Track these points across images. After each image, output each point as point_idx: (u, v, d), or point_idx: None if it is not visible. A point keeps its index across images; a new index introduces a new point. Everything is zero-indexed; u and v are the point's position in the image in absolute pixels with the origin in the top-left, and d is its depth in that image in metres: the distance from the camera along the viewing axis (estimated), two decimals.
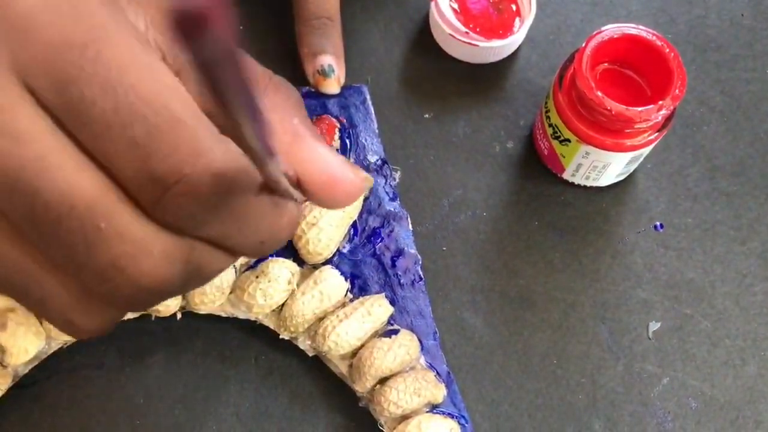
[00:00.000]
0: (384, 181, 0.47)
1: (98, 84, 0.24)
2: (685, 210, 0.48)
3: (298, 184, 0.31)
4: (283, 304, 0.43)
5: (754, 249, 0.48)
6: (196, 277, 0.29)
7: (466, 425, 0.42)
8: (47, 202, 0.25)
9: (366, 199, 0.46)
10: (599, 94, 0.41)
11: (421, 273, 0.45)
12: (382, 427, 0.42)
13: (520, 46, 0.52)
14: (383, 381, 0.42)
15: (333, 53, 0.48)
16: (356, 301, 0.43)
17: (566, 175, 0.48)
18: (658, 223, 0.48)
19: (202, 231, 0.28)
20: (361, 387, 0.42)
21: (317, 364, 0.44)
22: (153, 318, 0.44)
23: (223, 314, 0.44)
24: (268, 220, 0.29)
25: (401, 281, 0.45)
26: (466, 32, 0.49)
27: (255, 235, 0.29)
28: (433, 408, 0.42)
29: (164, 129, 0.25)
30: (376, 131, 0.48)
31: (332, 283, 0.43)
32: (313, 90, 0.49)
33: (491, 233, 0.48)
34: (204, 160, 0.25)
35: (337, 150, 0.47)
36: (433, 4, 0.50)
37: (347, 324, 0.42)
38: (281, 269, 0.43)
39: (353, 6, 0.52)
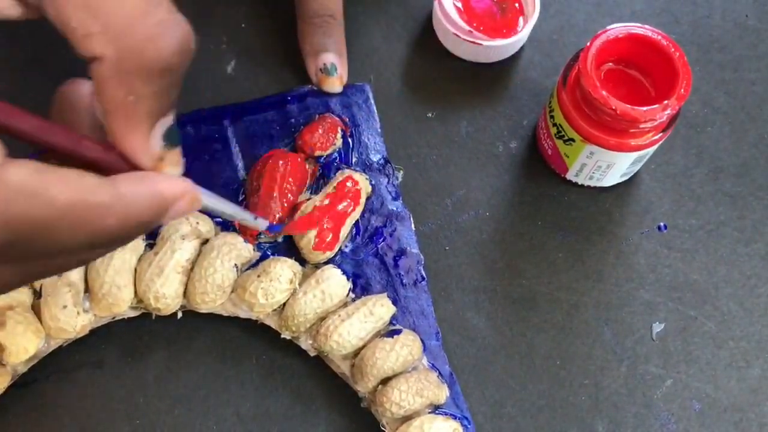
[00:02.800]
0: (386, 180, 0.47)
1: None
2: (689, 211, 0.48)
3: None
4: (284, 304, 0.43)
5: (758, 250, 0.47)
6: (46, 274, 0.31)
7: (469, 426, 0.42)
8: None
9: (368, 198, 0.46)
10: (604, 93, 0.41)
11: (423, 273, 0.45)
12: (384, 427, 0.42)
13: (523, 45, 0.51)
14: (385, 381, 0.42)
15: (336, 52, 0.48)
16: (358, 301, 0.43)
17: (570, 175, 0.47)
18: (661, 224, 0.48)
19: (16, 258, 0.28)
20: (363, 387, 0.42)
21: (319, 364, 0.44)
22: (153, 317, 0.44)
23: (224, 313, 0.44)
24: (92, 222, 0.28)
25: (403, 281, 0.45)
26: (470, 31, 0.49)
27: (77, 241, 0.28)
28: (436, 409, 0.42)
29: None
30: (379, 130, 0.48)
31: (334, 282, 0.43)
32: (315, 88, 0.49)
33: (494, 233, 0.47)
34: None
35: (339, 149, 0.47)
36: (436, 2, 0.49)
37: (349, 324, 0.42)
38: (283, 268, 0.42)
39: (356, 4, 0.52)
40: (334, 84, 0.48)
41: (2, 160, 0.26)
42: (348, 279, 0.44)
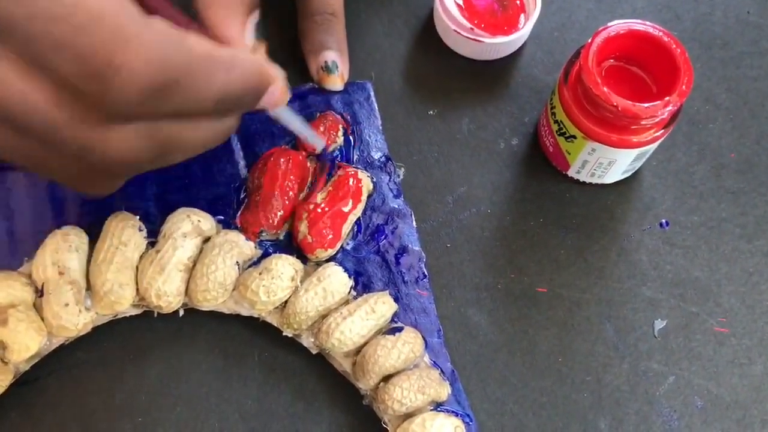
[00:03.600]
0: (388, 177, 0.47)
1: None
2: (691, 208, 0.48)
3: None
4: (286, 301, 0.43)
5: (761, 247, 0.47)
6: (170, 147, 0.32)
7: (471, 423, 0.42)
8: (12, 108, 0.28)
9: (370, 196, 0.46)
10: (605, 89, 0.41)
11: (425, 270, 0.45)
12: (386, 425, 0.42)
13: (524, 42, 0.51)
14: (387, 379, 0.42)
15: (337, 49, 0.48)
16: (360, 299, 0.43)
17: (571, 172, 0.47)
18: (663, 221, 0.48)
19: (158, 111, 0.29)
20: (365, 385, 0.42)
21: (321, 362, 0.44)
22: (155, 315, 0.44)
23: (226, 311, 0.44)
24: (220, 76, 0.30)
25: (405, 278, 0.45)
26: (471, 28, 0.49)
27: (210, 93, 0.30)
28: (438, 406, 0.42)
29: (85, 25, 0.26)
30: (380, 128, 0.48)
31: (336, 280, 0.43)
32: (316, 86, 0.49)
33: (496, 230, 0.47)
34: (132, 46, 0.27)
35: (340, 147, 0.47)
36: (437, 0, 0.49)
37: (351, 321, 0.42)
38: (284, 266, 0.42)
39: (357, 2, 0.52)
40: (336, 82, 0.48)
41: (143, 14, 0.28)
42: (349, 276, 0.44)
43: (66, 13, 0.26)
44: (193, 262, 0.43)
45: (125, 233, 0.42)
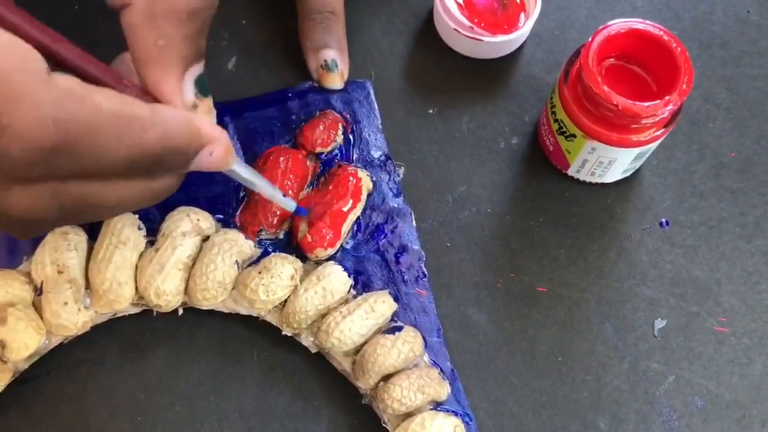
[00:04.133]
0: (388, 176, 0.47)
1: None
2: (691, 207, 0.48)
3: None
4: (285, 300, 0.43)
5: (760, 246, 0.47)
6: (81, 207, 0.30)
7: (470, 423, 0.42)
8: None
9: (369, 195, 0.46)
10: (606, 89, 0.41)
11: (424, 269, 0.45)
12: (385, 424, 0.42)
13: (524, 41, 0.51)
14: (387, 378, 0.41)
15: (336, 48, 0.48)
16: (359, 298, 0.43)
17: (571, 171, 0.47)
18: (663, 220, 0.48)
19: (57, 172, 0.28)
20: (365, 384, 0.42)
21: (320, 361, 0.44)
22: (155, 314, 0.44)
23: (225, 310, 0.44)
24: (133, 135, 0.29)
25: (405, 278, 0.44)
26: (471, 27, 0.49)
27: (119, 154, 0.29)
28: (437, 405, 0.42)
29: None
30: (380, 127, 0.48)
31: (335, 279, 0.43)
32: (316, 85, 0.49)
33: (495, 230, 0.47)
34: (24, 105, 0.26)
35: (340, 146, 0.47)
36: None
37: (350, 320, 0.41)
38: (284, 265, 0.42)
39: (357, 1, 0.52)
40: (335, 80, 0.48)
41: (48, 69, 0.27)
42: (349, 276, 0.43)
43: None
44: (192, 260, 0.43)
45: (124, 232, 0.42)
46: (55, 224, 0.32)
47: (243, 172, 0.37)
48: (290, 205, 0.42)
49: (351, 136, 0.47)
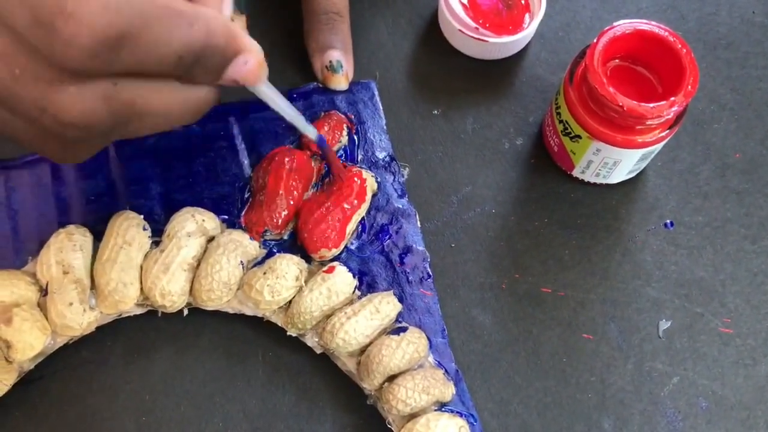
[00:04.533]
0: (392, 177, 0.47)
1: None
2: (696, 208, 0.48)
3: None
4: (290, 301, 0.43)
5: (765, 247, 0.47)
6: (130, 113, 0.30)
7: (475, 424, 0.42)
8: None
9: (374, 195, 0.46)
10: (611, 90, 0.41)
11: (429, 270, 0.45)
12: (390, 425, 0.42)
13: (529, 42, 0.51)
14: (391, 379, 0.41)
15: (341, 49, 0.48)
16: (364, 299, 0.43)
17: (576, 172, 0.47)
18: (668, 221, 0.48)
19: (114, 66, 0.28)
20: (369, 384, 0.42)
21: (325, 362, 0.44)
22: (160, 314, 0.44)
23: (230, 311, 0.44)
24: (182, 30, 0.29)
25: (409, 278, 0.44)
26: (476, 28, 0.49)
27: (170, 48, 0.29)
28: (442, 406, 0.42)
29: None
30: (385, 127, 0.48)
31: (340, 280, 0.43)
32: (321, 86, 0.49)
33: (500, 230, 0.47)
34: None
35: (345, 146, 0.47)
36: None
37: (355, 321, 0.42)
38: (289, 266, 0.42)
39: (362, 2, 0.52)
40: (340, 81, 0.48)
41: None
42: (354, 276, 0.43)
43: None
44: (197, 261, 0.43)
45: (129, 232, 0.42)
46: (103, 135, 0.31)
47: (270, 91, 0.37)
48: (312, 131, 0.42)
49: (356, 137, 0.47)
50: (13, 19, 0.26)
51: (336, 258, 0.44)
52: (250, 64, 0.33)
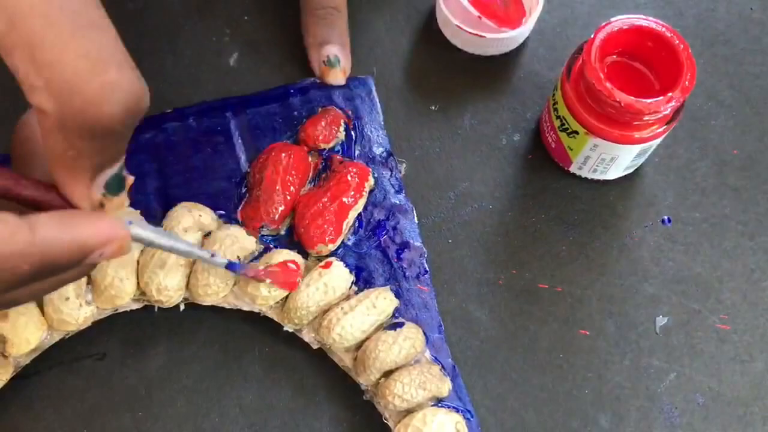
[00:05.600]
0: (389, 173, 0.47)
1: None
2: (693, 204, 0.48)
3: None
4: (287, 296, 0.43)
5: (763, 244, 0.47)
6: (10, 302, 0.31)
7: (471, 419, 0.42)
8: None
9: (371, 191, 0.46)
10: (608, 85, 0.41)
11: (426, 266, 0.45)
12: (386, 420, 0.42)
13: (527, 38, 0.51)
14: (388, 374, 0.41)
15: (339, 44, 0.48)
16: (361, 294, 0.43)
17: (573, 168, 0.47)
18: (665, 217, 0.48)
19: None
20: (366, 380, 0.42)
21: (321, 357, 0.44)
22: (156, 309, 0.44)
23: (227, 306, 0.43)
24: (24, 265, 0.29)
25: (406, 274, 0.44)
26: (474, 24, 0.48)
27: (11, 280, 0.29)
28: (438, 402, 0.42)
29: None
30: (382, 123, 0.48)
31: (337, 275, 0.43)
32: (318, 81, 0.49)
33: (497, 226, 0.47)
34: None
35: (342, 142, 0.47)
36: None
37: (352, 316, 0.41)
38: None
39: None
40: (337, 76, 0.48)
41: None
42: (351, 272, 0.43)
43: None
44: None
45: None
46: None
47: (151, 234, 0.35)
48: (220, 262, 0.40)
49: (353, 133, 0.47)
50: None
51: (333, 253, 0.44)
52: (107, 253, 0.31)
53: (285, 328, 0.43)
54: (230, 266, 0.40)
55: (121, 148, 0.31)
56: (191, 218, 0.43)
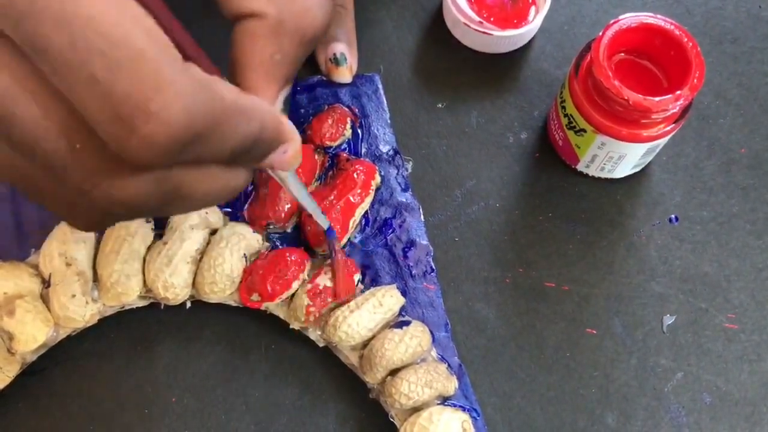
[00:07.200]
0: (396, 171, 0.47)
1: (50, 18, 0.24)
2: (701, 203, 0.48)
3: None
4: (293, 294, 0.43)
5: None
6: (176, 197, 0.30)
7: (478, 418, 0.42)
8: (21, 128, 0.26)
9: (378, 189, 0.46)
10: (616, 83, 0.41)
11: (432, 264, 0.45)
12: (392, 418, 0.42)
13: (534, 35, 0.51)
14: (394, 372, 0.41)
15: (345, 41, 0.48)
16: (367, 292, 0.43)
17: (581, 167, 0.47)
18: (673, 216, 0.48)
19: (178, 161, 0.28)
20: (372, 378, 0.42)
21: (328, 355, 0.44)
22: (162, 307, 0.44)
23: (233, 303, 0.43)
24: (243, 126, 0.29)
25: (413, 272, 0.44)
26: (480, 21, 0.48)
27: (232, 143, 0.29)
28: (445, 400, 0.41)
29: (124, 63, 0.24)
30: (389, 121, 0.48)
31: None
32: (324, 79, 0.48)
33: (504, 224, 0.47)
34: (169, 92, 0.25)
35: (348, 140, 0.47)
36: None
37: (358, 315, 0.41)
38: None
39: None
40: (344, 74, 0.48)
41: (182, 60, 0.27)
42: (357, 270, 0.43)
43: (107, 46, 0.24)
44: (200, 254, 0.43)
45: (133, 224, 0.42)
46: (144, 214, 0.31)
47: (293, 179, 0.37)
48: (324, 222, 0.42)
49: (359, 131, 0.47)
50: (88, 105, 0.25)
51: None
52: (289, 153, 0.33)
53: (291, 326, 0.43)
54: (328, 231, 0.42)
55: (297, 69, 0.35)
56: (198, 216, 0.43)
